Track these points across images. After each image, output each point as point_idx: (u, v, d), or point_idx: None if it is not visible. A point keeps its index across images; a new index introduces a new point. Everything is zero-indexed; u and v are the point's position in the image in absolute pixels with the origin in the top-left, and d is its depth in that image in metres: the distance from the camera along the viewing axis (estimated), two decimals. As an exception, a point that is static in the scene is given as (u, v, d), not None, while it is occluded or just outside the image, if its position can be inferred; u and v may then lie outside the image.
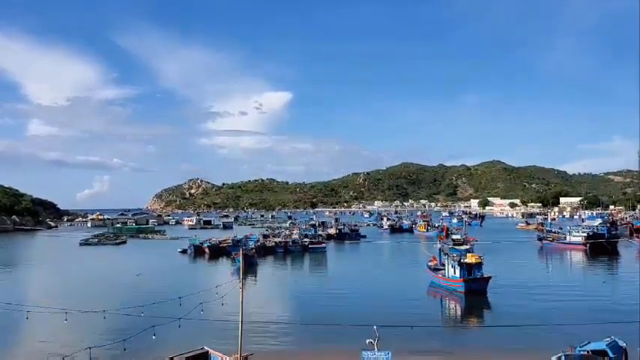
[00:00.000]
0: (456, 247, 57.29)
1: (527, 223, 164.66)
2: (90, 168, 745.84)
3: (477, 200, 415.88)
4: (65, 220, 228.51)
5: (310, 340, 30.92)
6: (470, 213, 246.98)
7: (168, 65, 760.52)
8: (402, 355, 24.95)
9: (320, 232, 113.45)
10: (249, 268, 61.06)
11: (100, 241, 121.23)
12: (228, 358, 22.43)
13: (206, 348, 24.45)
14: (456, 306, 45.02)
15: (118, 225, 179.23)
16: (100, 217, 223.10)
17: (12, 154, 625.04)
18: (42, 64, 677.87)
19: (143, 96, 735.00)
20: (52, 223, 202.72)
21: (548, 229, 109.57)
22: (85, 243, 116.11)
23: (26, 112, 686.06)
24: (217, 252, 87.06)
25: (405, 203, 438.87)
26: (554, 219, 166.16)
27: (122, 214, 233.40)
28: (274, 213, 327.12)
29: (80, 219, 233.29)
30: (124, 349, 21.68)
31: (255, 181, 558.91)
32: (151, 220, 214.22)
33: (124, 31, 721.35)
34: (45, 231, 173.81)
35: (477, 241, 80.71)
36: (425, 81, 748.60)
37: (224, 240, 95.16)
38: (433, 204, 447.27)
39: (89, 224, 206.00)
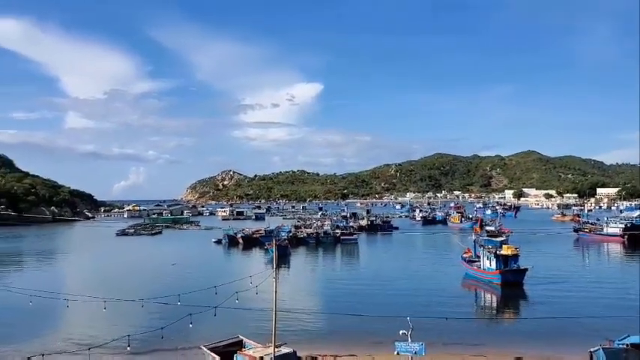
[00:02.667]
0: (491, 239, 56.56)
1: (563, 215, 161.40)
2: (126, 160, 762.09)
3: (512, 191, 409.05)
4: (102, 211, 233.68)
5: (343, 331, 30.95)
6: (504, 204, 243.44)
7: (202, 58, 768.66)
8: (436, 347, 24.84)
9: (351, 224, 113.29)
10: (282, 258, 61.38)
11: (137, 232, 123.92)
12: (262, 346, 22.71)
13: (241, 337, 24.79)
14: (491, 298, 44.51)
15: (154, 216, 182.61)
16: (136, 208, 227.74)
17: (50, 146, 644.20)
18: (79, 58, 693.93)
19: (177, 89, 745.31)
20: (90, 214, 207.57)
21: (584, 220, 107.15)
22: (122, 233, 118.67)
23: (64, 105, 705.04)
24: (250, 242, 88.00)
25: (438, 194, 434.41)
26: (591, 210, 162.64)
27: (157, 205, 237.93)
28: (305, 204, 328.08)
29: (117, 210, 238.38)
30: (162, 337, 22.14)
31: (287, 172, 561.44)
32: (185, 211, 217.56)
33: (159, 24, 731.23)
34: (83, 221, 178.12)
35: (511, 232, 79.47)
36: (458, 71, 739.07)
37: (257, 230, 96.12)
38: (467, 195, 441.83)
39: (125, 215, 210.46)
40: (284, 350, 21.42)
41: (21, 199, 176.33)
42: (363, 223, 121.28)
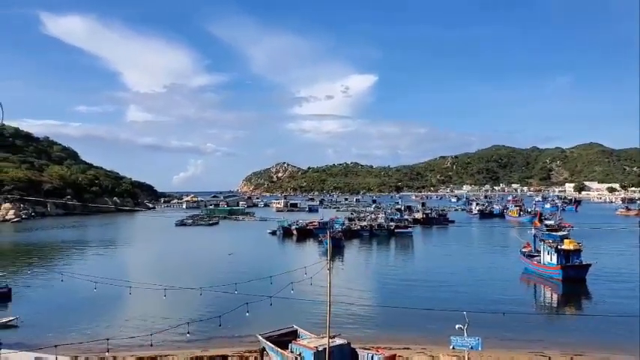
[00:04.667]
0: (551, 233, 54.88)
1: (628, 209, 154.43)
2: (184, 152, 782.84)
3: (573, 184, 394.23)
4: (162, 201, 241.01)
5: (397, 324, 30.83)
6: (564, 198, 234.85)
7: (257, 52, 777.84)
8: (493, 342, 24.39)
9: (406, 217, 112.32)
10: (337, 250, 61.64)
11: (195, 222, 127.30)
12: (316, 337, 22.90)
13: (295, 327, 25.07)
14: (551, 293, 43.26)
15: (211, 207, 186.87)
16: (194, 199, 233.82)
17: (112, 138, 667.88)
18: (140, 53, 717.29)
19: (233, 82, 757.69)
20: (150, 205, 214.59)
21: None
22: (181, 223, 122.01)
23: (125, 99, 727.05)
24: (304, 234, 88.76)
25: (496, 187, 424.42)
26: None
27: (214, 197, 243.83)
28: (359, 197, 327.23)
29: (176, 201, 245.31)
30: (219, 325, 22.62)
31: (340, 164, 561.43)
32: (241, 203, 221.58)
33: (216, 18, 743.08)
34: (144, 212, 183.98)
35: (572, 226, 76.77)
36: (516, 61, 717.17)
37: (311, 222, 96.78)
38: (525, 188, 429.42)
39: (184, 206, 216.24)
40: (338, 341, 21.50)
41: (85, 189, 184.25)
42: (418, 216, 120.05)
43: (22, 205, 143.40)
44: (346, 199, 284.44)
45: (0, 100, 14.62)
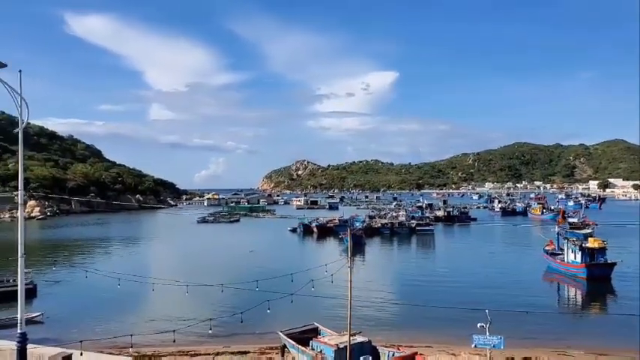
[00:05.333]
0: (575, 231, 54.04)
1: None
2: (206, 150, 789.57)
3: (597, 182, 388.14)
4: (184, 199, 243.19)
5: (418, 322, 30.70)
6: (588, 195, 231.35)
7: (277, 50, 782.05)
8: (516, 341, 24.12)
9: (427, 214, 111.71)
10: (357, 247, 61.53)
11: (216, 219, 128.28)
12: (337, 334, 22.90)
13: (316, 324, 25.12)
14: (575, 292, 42.75)
15: (232, 204, 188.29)
16: (215, 196, 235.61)
17: (135, 136, 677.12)
18: (162, 52, 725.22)
19: (253, 81, 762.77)
20: (173, 202, 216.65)
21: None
22: (203, 221, 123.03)
23: (148, 97, 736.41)
24: (325, 231, 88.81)
25: (518, 185, 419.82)
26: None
27: (235, 194, 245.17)
28: (379, 194, 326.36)
29: (197, 198, 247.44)
30: (241, 321, 22.73)
31: (360, 162, 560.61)
32: (261, 200, 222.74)
33: (237, 17, 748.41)
34: (166, 209, 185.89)
35: (596, 224, 75.42)
36: (538, 57, 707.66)
37: (331, 220, 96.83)
38: (548, 186, 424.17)
39: (205, 203, 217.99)
40: (359, 339, 21.48)
41: (109, 187, 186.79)
42: (440, 213, 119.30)
43: (47, 203, 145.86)
44: (366, 197, 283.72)
45: (25, 99, 14.80)
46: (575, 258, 45.37)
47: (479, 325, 19.42)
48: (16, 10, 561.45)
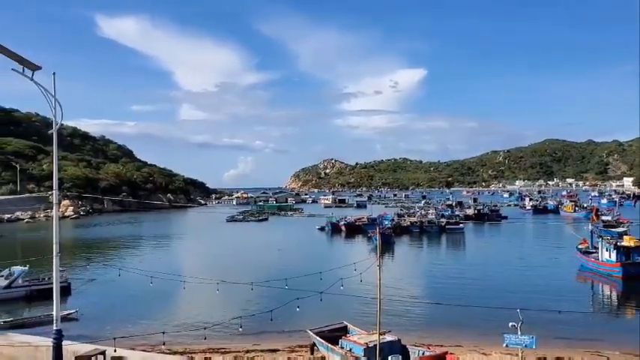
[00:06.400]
0: (609, 230, 52.89)
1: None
2: (234, 149, 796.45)
3: (631, 179, 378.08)
4: (213, 198, 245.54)
5: (448, 321, 30.38)
6: (622, 192, 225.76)
7: (304, 49, 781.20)
8: (548, 341, 23.71)
9: (457, 212, 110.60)
10: (386, 246, 61.24)
11: (245, 218, 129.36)
12: (366, 333, 22.86)
13: (345, 322, 25.13)
14: (610, 291, 41.79)
15: (260, 203, 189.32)
16: (244, 195, 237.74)
17: (165, 136, 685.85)
18: (191, 53, 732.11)
19: (282, 80, 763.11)
20: (202, 201, 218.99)
21: None
22: (232, 219, 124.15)
23: (178, 98, 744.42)
24: (353, 230, 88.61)
25: (550, 182, 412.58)
26: None
27: (264, 193, 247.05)
28: (408, 192, 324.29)
29: (226, 197, 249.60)
30: (271, 319, 22.88)
31: (388, 160, 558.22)
32: (289, 199, 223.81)
33: (264, 16, 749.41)
34: (196, 208, 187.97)
35: (631, 223, 73.62)
36: (569, 51, 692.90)
37: (359, 218, 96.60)
38: (581, 183, 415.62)
39: (234, 202, 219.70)
40: (388, 338, 21.40)
41: (140, 187, 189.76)
42: (470, 212, 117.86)
43: (80, 202, 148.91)
44: (395, 195, 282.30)
45: (59, 101, 15.13)
46: (610, 257, 44.39)
47: (510, 324, 19.15)
48: (50, 13, 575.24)
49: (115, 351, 17.90)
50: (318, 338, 23.43)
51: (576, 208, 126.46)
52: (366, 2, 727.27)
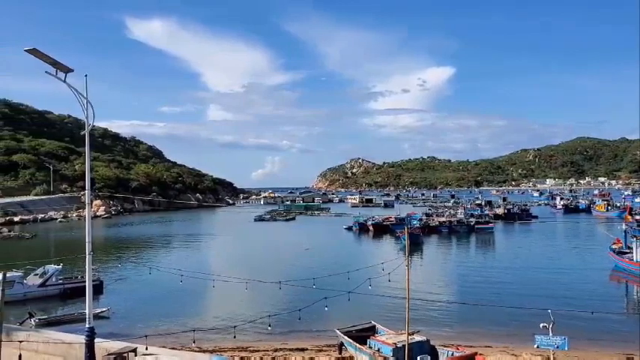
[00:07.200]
0: (643, 229, 51.59)
1: None
2: (262, 149, 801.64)
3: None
4: (241, 197, 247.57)
5: (478, 322, 30.06)
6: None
7: (331, 48, 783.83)
8: (581, 342, 23.35)
9: (487, 212, 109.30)
10: (415, 246, 60.90)
11: (273, 217, 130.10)
12: (394, 333, 22.77)
13: (373, 322, 25.07)
14: (645, 292, 40.86)
15: (288, 202, 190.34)
16: (271, 195, 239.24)
17: (193, 137, 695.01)
18: (219, 54, 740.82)
19: (308, 79, 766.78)
20: (230, 201, 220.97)
21: None
22: (260, 219, 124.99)
23: (206, 99, 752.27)
24: (381, 229, 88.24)
25: (581, 181, 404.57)
26: None
27: (291, 192, 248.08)
28: (436, 192, 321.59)
29: (254, 197, 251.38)
30: (299, 319, 23.02)
31: (416, 159, 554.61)
32: (316, 198, 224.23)
33: (291, 16, 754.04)
34: (224, 207, 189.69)
35: (666, 222, 71.70)
36: (601, 47, 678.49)
37: (387, 218, 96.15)
38: (613, 182, 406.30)
39: (262, 202, 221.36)
40: (417, 338, 21.27)
41: (170, 186, 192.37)
42: (500, 211, 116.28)
43: (111, 202, 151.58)
44: (423, 195, 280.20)
45: (91, 103, 15.46)
46: (644, 257, 43.39)
47: (541, 325, 18.87)
48: (81, 17, 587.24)
49: (147, 349, 18.16)
50: (346, 338, 23.42)
51: (609, 207, 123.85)
52: (391, 1, 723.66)
